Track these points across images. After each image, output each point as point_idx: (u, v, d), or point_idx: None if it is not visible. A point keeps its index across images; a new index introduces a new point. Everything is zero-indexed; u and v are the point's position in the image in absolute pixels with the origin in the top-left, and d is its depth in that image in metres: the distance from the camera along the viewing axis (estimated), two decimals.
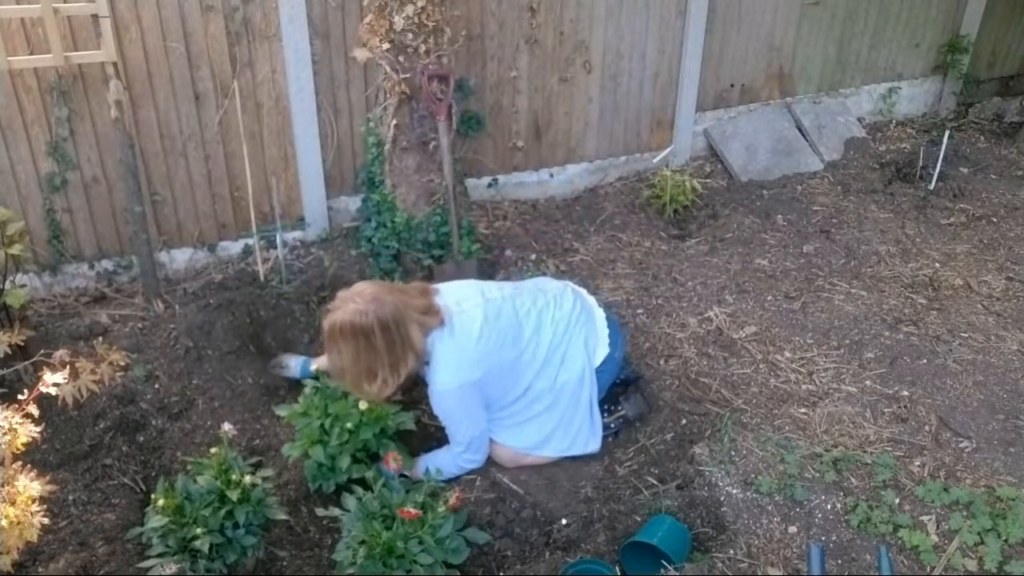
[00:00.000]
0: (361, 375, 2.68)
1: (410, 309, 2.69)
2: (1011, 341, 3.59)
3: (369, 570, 2.40)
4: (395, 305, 2.66)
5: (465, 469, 2.95)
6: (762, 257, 4.23)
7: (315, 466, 2.78)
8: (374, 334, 2.61)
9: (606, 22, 4.52)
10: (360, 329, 2.61)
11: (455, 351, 2.76)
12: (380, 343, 2.62)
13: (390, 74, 3.71)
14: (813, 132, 5.31)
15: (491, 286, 3.00)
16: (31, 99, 3.47)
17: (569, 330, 2.96)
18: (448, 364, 2.76)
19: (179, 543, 2.38)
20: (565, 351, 2.94)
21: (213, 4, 3.61)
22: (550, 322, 2.94)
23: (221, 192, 3.95)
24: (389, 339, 2.63)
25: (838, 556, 2.56)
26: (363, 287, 2.71)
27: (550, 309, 2.97)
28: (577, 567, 2.52)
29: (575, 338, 2.96)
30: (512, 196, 4.68)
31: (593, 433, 3.00)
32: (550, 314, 2.96)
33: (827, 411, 3.15)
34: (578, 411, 2.97)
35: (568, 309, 3.00)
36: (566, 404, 2.95)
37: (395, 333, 2.64)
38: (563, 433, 2.97)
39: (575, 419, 2.97)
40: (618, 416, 3.13)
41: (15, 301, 3.07)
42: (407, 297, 2.75)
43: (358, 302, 2.63)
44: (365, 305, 2.62)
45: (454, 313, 2.80)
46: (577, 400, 2.96)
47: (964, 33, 5.69)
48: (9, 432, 1.88)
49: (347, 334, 2.63)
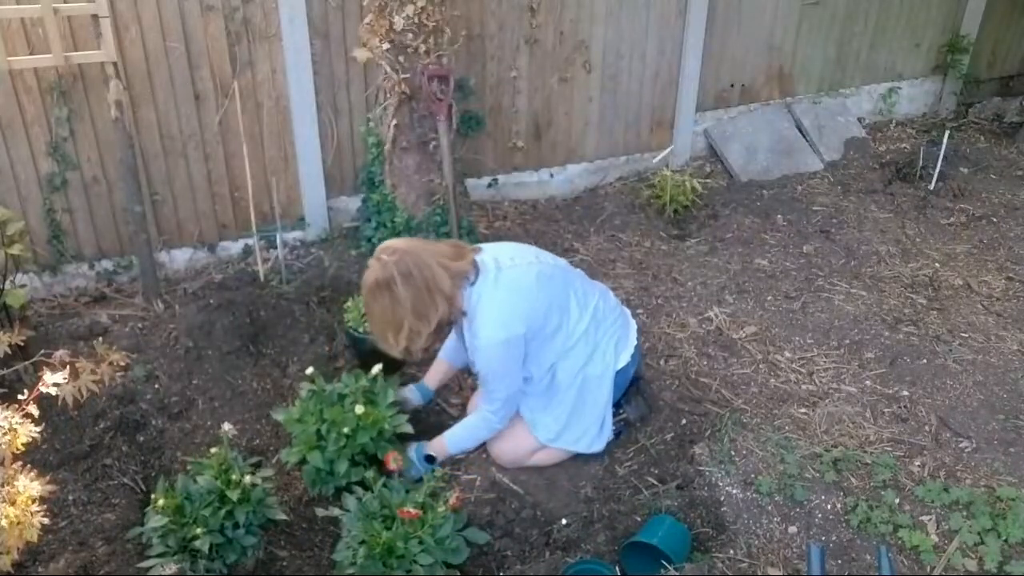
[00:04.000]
0: (387, 327, 2.66)
1: (434, 255, 2.67)
2: (1011, 341, 3.59)
3: (369, 570, 2.40)
4: (416, 251, 2.64)
5: (493, 430, 2.92)
6: (762, 257, 4.23)
7: (314, 471, 2.78)
8: (396, 283, 2.59)
9: (606, 22, 4.52)
10: (383, 282, 2.60)
11: (503, 303, 2.72)
12: (403, 291, 2.59)
13: (390, 74, 3.71)
14: (813, 132, 5.31)
15: (546, 253, 2.99)
16: (31, 99, 3.47)
17: (606, 324, 2.95)
18: (494, 316, 2.71)
19: (179, 543, 2.38)
20: (596, 344, 2.91)
21: (213, 4, 3.61)
22: (592, 307, 2.92)
23: (221, 192, 3.95)
24: (413, 286, 2.60)
25: (838, 556, 2.56)
26: (389, 242, 2.71)
27: (595, 296, 2.96)
28: (577, 567, 2.52)
29: (609, 335, 2.95)
30: (512, 196, 4.68)
31: (600, 434, 2.99)
32: (595, 300, 2.94)
33: (827, 411, 3.15)
34: (595, 409, 2.95)
35: (611, 306, 3.02)
36: (585, 397, 2.93)
37: (419, 279, 2.61)
38: (575, 427, 2.94)
39: (589, 416, 2.95)
40: (620, 419, 3.12)
41: (15, 301, 3.07)
42: (433, 246, 2.74)
43: (382, 258, 2.63)
44: (387, 258, 2.62)
45: (505, 267, 2.77)
46: (596, 397, 2.94)
47: (964, 33, 5.69)
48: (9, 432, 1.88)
49: (373, 291, 2.63)
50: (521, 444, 2.95)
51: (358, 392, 2.85)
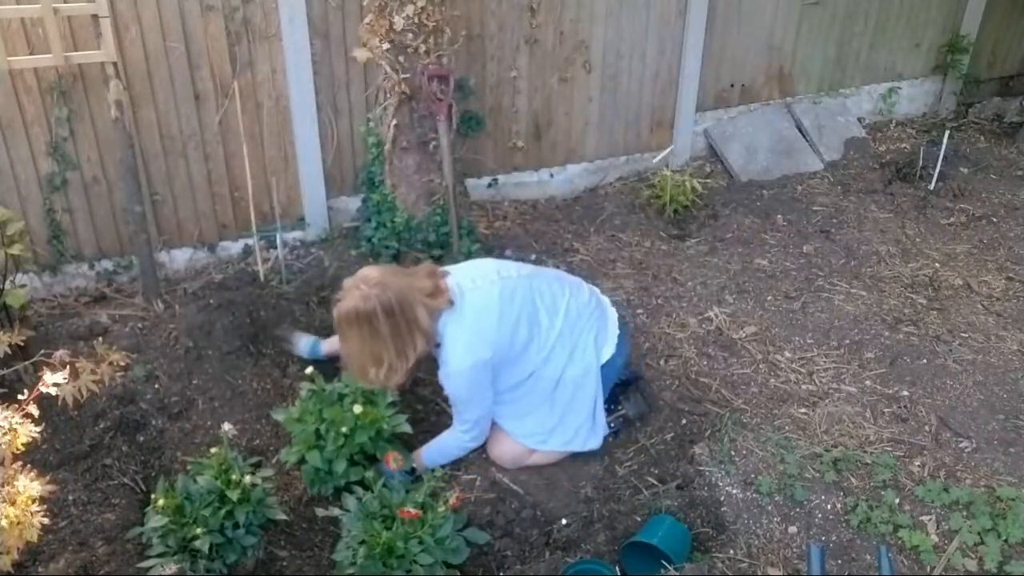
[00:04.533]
0: (367, 361, 2.66)
1: (415, 291, 2.66)
2: (1011, 341, 3.59)
3: (369, 570, 2.40)
4: (399, 288, 2.63)
5: (467, 449, 2.93)
6: (762, 257, 4.23)
7: (312, 471, 2.78)
8: (378, 319, 2.58)
9: (606, 22, 4.52)
10: (364, 315, 2.59)
11: (467, 330, 2.72)
12: (385, 328, 2.60)
13: (390, 74, 3.71)
14: (813, 132, 5.31)
15: (508, 265, 2.96)
16: (31, 99, 3.47)
17: (581, 322, 2.92)
18: (460, 344, 2.72)
19: (179, 543, 2.38)
20: (575, 343, 2.90)
21: (213, 4, 3.61)
22: (564, 309, 2.89)
23: (221, 192, 3.95)
24: (394, 323, 2.60)
25: (838, 556, 2.56)
26: (368, 272, 2.69)
27: (565, 297, 2.93)
28: (577, 567, 2.52)
29: (586, 332, 2.92)
30: (512, 196, 4.68)
31: (594, 431, 2.98)
32: (565, 301, 2.91)
33: (827, 411, 3.15)
34: (583, 407, 2.94)
35: (584, 301, 2.97)
36: (570, 398, 2.92)
37: (400, 317, 2.61)
38: (565, 428, 2.94)
39: (579, 415, 2.95)
40: (618, 416, 3.12)
41: (15, 301, 3.06)
42: (413, 279, 2.71)
43: (362, 288, 2.61)
44: (368, 290, 2.59)
45: (467, 291, 2.76)
46: (582, 396, 2.93)
47: (964, 33, 5.69)
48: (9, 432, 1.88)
49: (352, 321, 2.61)
50: (512, 447, 2.96)
51: (357, 392, 2.85)
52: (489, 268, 2.90)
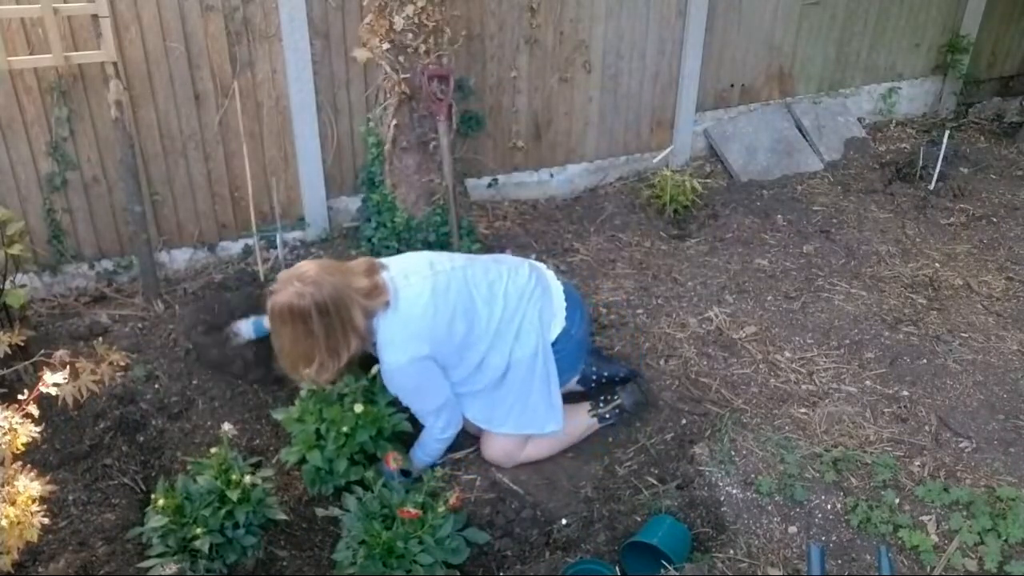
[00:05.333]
0: (298, 359, 2.64)
1: (352, 291, 2.61)
2: (1011, 341, 3.59)
3: (369, 570, 2.40)
4: (335, 287, 2.58)
5: (446, 439, 2.90)
6: (762, 257, 4.23)
7: (313, 470, 2.78)
8: (311, 318, 2.55)
9: (606, 22, 4.52)
10: (297, 312, 2.55)
11: (401, 327, 2.68)
12: (318, 327, 2.56)
13: (390, 74, 3.71)
14: (813, 132, 5.31)
15: (442, 257, 2.91)
16: (31, 99, 3.47)
17: (522, 303, 2.87)
18: (394, 341, 2.68)
19: (179, 543, 2.38)
20: (519, 325, 2.85)
21: (213, 4, 3.61)
22: (502, 294, 2.85)
23: (221, 192, 3.95)
24: (328, 323, 2.57)
25: (838, 556, 2.56)
26: (305, 267, 2.64)
27: (503, 281, 2.88)
28: (577, 567, 2.52)
29: (529, 312, 2.87)
30: (512, 196, 4.68)
31: (551, 412, 2.93)
32: (503, 286, 2.87)
33: (827, 411, 3.15)
34: (533, 387, 2.89)
35: (523, 283, 2.91)
36: (522, 379, 2.87)
37: (334, 316, 2.57)
38: (521, 409, 2.90)
39: (531, 395, 2.90)
40: (614, 406, 3.10)
41: (15, 301, 3.07)
42: (350, 277, 2.65)
43: (296, 284, 2.57)
44: (303, 287, 2.55)
45: (400, 287, 2.72)
46: (532, 376, 2.88)
47: (964, 33, 5.69)
48: (9, 432, 1.88)
49: (285, 317, 2.57)
50: (502, 443, 2.94)
51: (357, 391, 2.85)
52: (422, 263, 2.84)
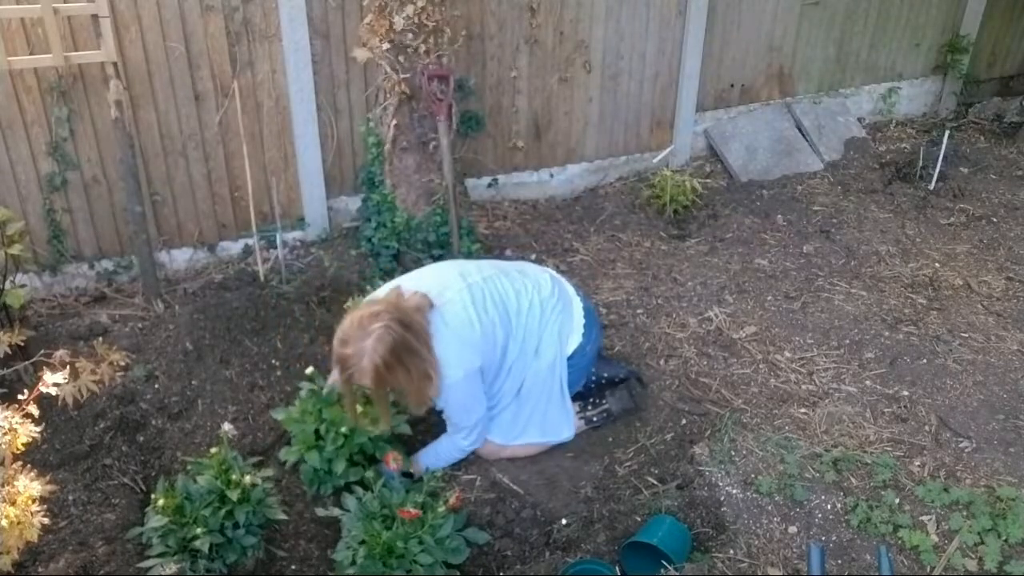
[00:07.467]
0: (424, 384, 2.61)
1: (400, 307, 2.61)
2: (1011, 341, 3.59)
3: (369, 570, 2.40)
4: (393, 308, 2.57)
5: (465, 453, 2.92)
6: (762, 257, 4.23)
7: (312, 471, 2.78)
8: (402, 341, 2.52)
9: (606, 22, 4.52)
10: (392, 349, 2.50)
11: (455, 340, 2.69)
12: (413, 342, 2.55)
13: (390, 74, 3.71)
14: (813, 132, 5.31)
15: (470, 268, 2.92)
16: (31, 99, 3.47)
17: (545, 316, 2.91)
18: (451, 356, 2.69)
19: (179, 543, 2.38)
20: (540, 338, 2.90)
21: (213, 4, 3.61)
22: (528, 306, 2.88)
23: (221, 192, 3.95)
24: (414, 334, 2.56)
25: (838, 556, 2.56)
26: (354, 322, 2.55)
27: (528, 292, 2.91)
28: (577, 567, 2.52)
29: (550, 325, 2.92)
30: (512, 196, 4.68)
31: (566, 420, 3.00)
32: (528, 298, 2.90)
33: (827, 411, 3.15)
34: (551, 399, 2.96)
35: (547, 295, 2.95)
36: (539, 392, 2.93)
37: (410, 330, 2.56)
38: (538, 421, 2.96)
39: (549, 407, 2.96)
40: (602, 410, 3.12)
41: (15, 301, 3.07)
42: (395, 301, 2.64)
43: (367, 333, 2.51)
44: (373, 329, 2.50)
45: (440, 304, 2.71)
46: (550, 388, 2.94)
47: (964, 33, 5.69)
48: (9, 432, 1.88)
49: (390, 363, 2.51)
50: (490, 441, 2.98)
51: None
52: (451, 275, 2.84)
